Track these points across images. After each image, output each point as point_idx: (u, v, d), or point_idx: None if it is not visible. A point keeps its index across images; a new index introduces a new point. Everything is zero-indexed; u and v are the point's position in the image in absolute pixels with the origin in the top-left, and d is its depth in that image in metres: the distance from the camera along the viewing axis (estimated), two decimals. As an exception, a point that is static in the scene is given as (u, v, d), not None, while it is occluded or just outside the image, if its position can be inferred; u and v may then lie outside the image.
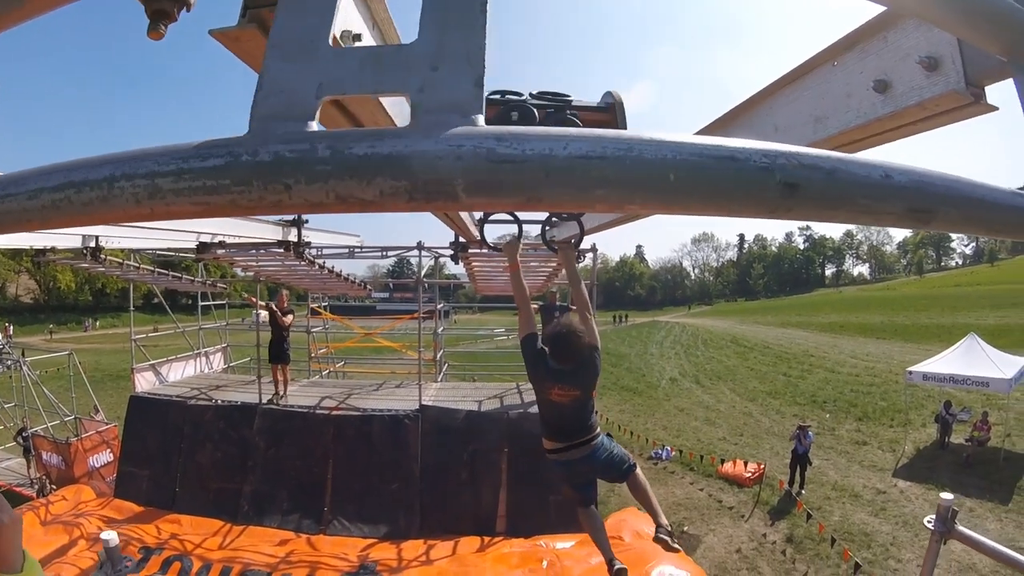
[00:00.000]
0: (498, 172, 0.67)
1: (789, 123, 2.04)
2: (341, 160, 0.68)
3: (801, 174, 0.71)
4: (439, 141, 0.68)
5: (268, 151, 0.70)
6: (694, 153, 0.69)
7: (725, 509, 15.97)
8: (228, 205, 0.72)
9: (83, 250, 10.75)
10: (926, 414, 22.80)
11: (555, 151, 0.67)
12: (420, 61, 0.81)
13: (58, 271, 77.15)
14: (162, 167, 0.72)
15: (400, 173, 0.67)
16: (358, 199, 0.69)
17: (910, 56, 1.63)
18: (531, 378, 5.05)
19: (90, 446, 15.76)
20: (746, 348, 45.45)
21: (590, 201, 0.70)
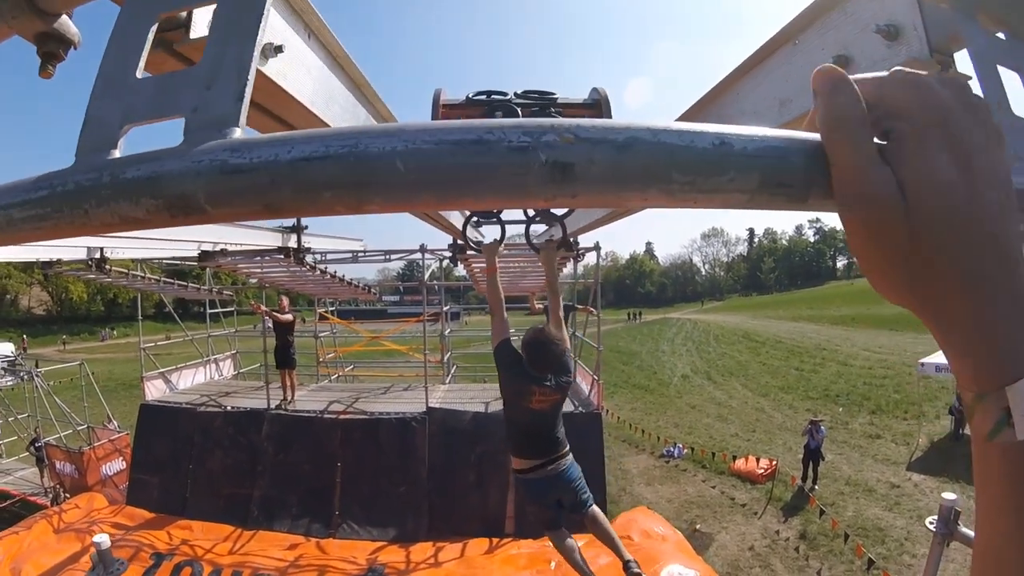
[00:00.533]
0: (231, 182, 0.66)
1: (756, 108, 1.99)
2: (117, 184, 0.69)
3: (578, 150, 0.63)
4: (185, 159, 0.68)
5: (73, 180, 0.73)
6: (431, 140, 0.64)
7: (738, 506, 15.90)
8: (53, 228, 0.75)
9: (88, 262, 10.81)
10: (940, 406, 22.63)
11: (279, 156, 0.65)
12: (199, 81, 0.82)
13: (69, 282, 78.03)
14: (12, 199, 0.76)
15: (157, 192, 0.67)
16: (134, 218, 0.70)
17: (869, 26, 1.53)
18: (507, 387, 5.03)
19: (102, 455, 15.85)
20: (758, 343, 45.29)
21: (322, 204, 0.66)
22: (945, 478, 16.76)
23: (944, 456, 18.69)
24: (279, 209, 0.67)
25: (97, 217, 0.71)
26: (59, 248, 9.99)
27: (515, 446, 5.17)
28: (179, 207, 0.68)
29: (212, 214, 0.68)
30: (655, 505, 14.54)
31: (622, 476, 17.88)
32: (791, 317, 62.91)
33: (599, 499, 10.84)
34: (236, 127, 0.76)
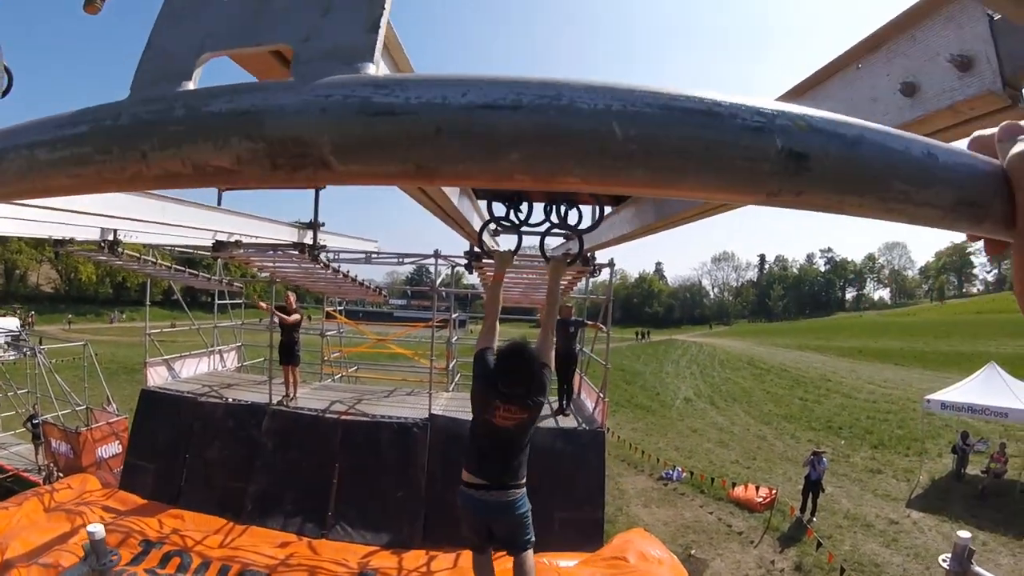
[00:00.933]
0: (374, 128, 0.53)
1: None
2: (196, 119, 0.57)
3: (813, 141, 0.54)
4: (303, 92, 0.56)
5: (129, 113, 0.60)
6: (652, 103, 0.52)
7: (734, 534, 15.76)
8: (94, 177, 0.63)
9: (101, 243, 10.77)
10: (943, 444, 22.52)
11: (449, 99, 0.52)
12: (311, 5, 0.70)
13: (80, 262, 78.44)
14: (41, 136, 0.64)
15: (257, 132, 0.54)
16: (215, 167, 0.57)
17: (940, 55, 1.51)
18: (475, 395, 4.90)
19: (99, 436, 15.81)
20: (763, 370, 45.05)
21: (502, 170, 0.54)
22: (945, 517, 16.69)
23: (945, 495, 18.59)
24: (435, 172, 0.55)
25: (159, 163, 0.59)
26: (72, 227, 9.95)
27: (468, 458, 4.99)
28: (288, 155, 0.55)
29: (337, 171, 0.56)
30: (651, 528, 14.44)
31: (619, 496, 17.77)
32: (797, 346, 62.57)
33: (597, 517, 10.82)
34: (370, 63, 0.64)
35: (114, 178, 0.62)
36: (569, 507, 10.51)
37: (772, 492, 17.50)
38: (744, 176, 0.55)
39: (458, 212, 3.96)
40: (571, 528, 10.42)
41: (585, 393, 14.10)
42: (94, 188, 0.67)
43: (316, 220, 10.85)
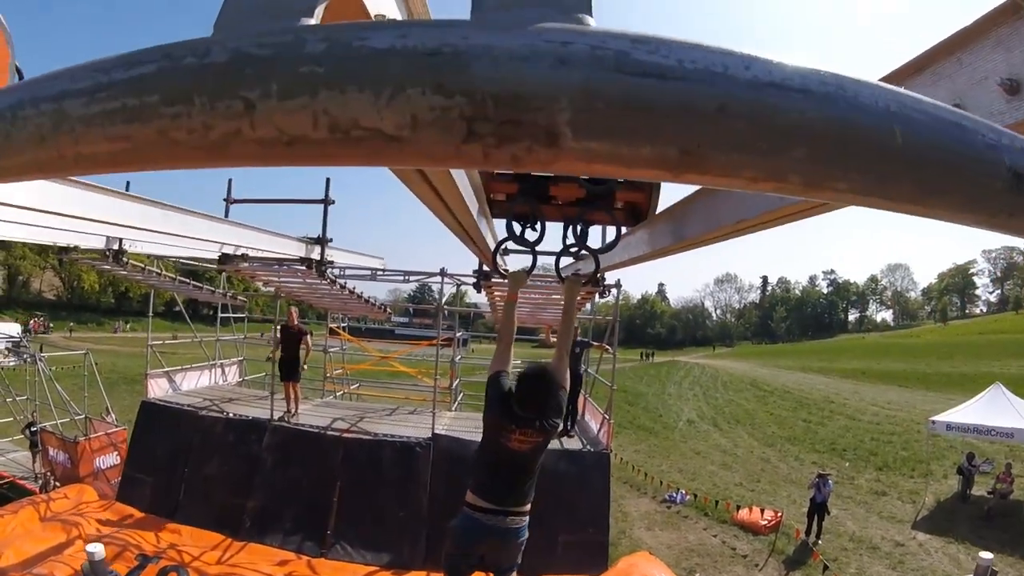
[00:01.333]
0: (639, 93, 0.41)
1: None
2: (345, 56, 0.41)
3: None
4: (525, 34, 0.42)
5: (227, 48, 0.43)
6: (919, 109, 0.44)
7: (739, 557, 15.57)
8: (156, 139, 0.45)
9: (106, 251, 10.71)
10: (948, 465, 22.32)
11: (732, 70, 0.42)
12: None
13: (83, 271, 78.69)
14: (75, 84, 0.47)
15: (453, 81, 0.40)
16: (370, 130, 0.41)
17: (989, 79, 1.45)
18: (490, 419, 4.75)
19: (97, 447, 15.73)
20: (766, 392, 44.91)
21: (780, 168, 0.45)
22: (951, 538, 16.57)
23: (950, 516, 18.46)
24: (701, 162, 0.43)
25: (274, 120, 0.43)
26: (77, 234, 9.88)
27: (477, 480, 4.80)
28: (498, 120, 0.41)
29: (566, 148, 0.42)
30: (655, 551, 14.27)
31: (623, 519, 17.59)
32: (800, 367, 62.44)
33: (602, 539, 10.70)
34: (588, 14, 0.48)
35: (191, 142, 0.45)
36: (573, 529, 10.40)
37: (777, 515, 17.32)
38: (972, 191, 0.47)
39: (475, 228, 3.85)
40: (575, 551, 10.29)
41: (590, 414, 14.00)
42: (152, 160, 0.49)
43: (324, 235, 10.80)
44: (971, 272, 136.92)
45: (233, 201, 11.68)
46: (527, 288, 10.08)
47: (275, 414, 12.66)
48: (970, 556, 14.83)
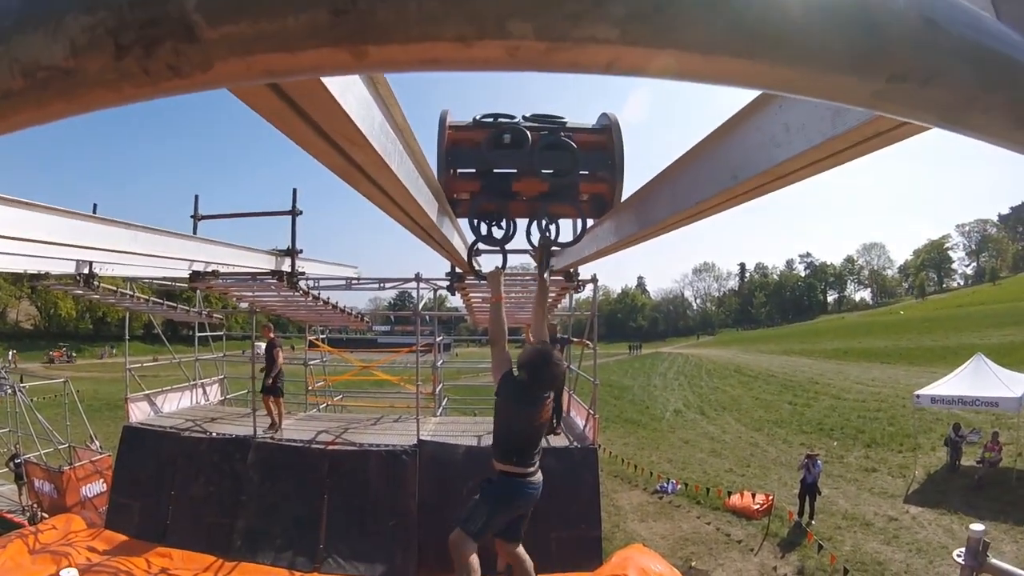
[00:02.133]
0: None
1: (802, 120, 1.79)
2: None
3: None
4: None
5: None
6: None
7: (733, 543, 15.60)
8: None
9: (77, 276, 10.58)
10: (935, 438, 22.48)
11: None
12: None
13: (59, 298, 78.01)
14: None
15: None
16: (50, 69, 0.39)
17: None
18: (509, 412, 5.15)
19: (83, 475, 15.66)
20: (750, 377, 45.11)
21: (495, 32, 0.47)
22: (943, 510, 16.67)
23: (941, 488, 18.59)
24: (369, 31, 0.41)
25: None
26: (47, 260, 9.75)
27: (504, 453, 5.18)
28: (137, 26, 0.38)
29: (207, 41, 0.40)
30: (649, 542, 14.29)
31: (615, 512, 17.58)
32: (783, 351, 62.77)
33: (595, 535, 10.65)
34: None
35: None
36: (565, 527, 10.35)
37: (769, 498, 17.37)
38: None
39: (438, 231, 3.82)
40: (569, 548, 10.25)
41: (575, 410, 13.97)
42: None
43: (294, 247, 10.71)
44: (946, 247, 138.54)
45: (201, 217, 11.56)
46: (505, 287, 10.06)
47: (259, 431, 12.55)
48: (964, 526, 14.90)
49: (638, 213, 3.72)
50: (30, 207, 5.51)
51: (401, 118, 2.24)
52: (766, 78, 0.62)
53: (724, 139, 2.37)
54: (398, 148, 2.31)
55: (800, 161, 1.89)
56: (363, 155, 1.94)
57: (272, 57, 0.42)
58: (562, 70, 0.61)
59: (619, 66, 0.60)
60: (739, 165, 2.22)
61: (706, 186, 2.57)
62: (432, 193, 3.33)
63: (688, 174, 2.82)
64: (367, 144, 1.83)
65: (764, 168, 2.04)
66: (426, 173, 3.00)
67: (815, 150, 1.76)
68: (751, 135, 2.13)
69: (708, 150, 2.54)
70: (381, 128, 2.01)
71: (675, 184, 3.01)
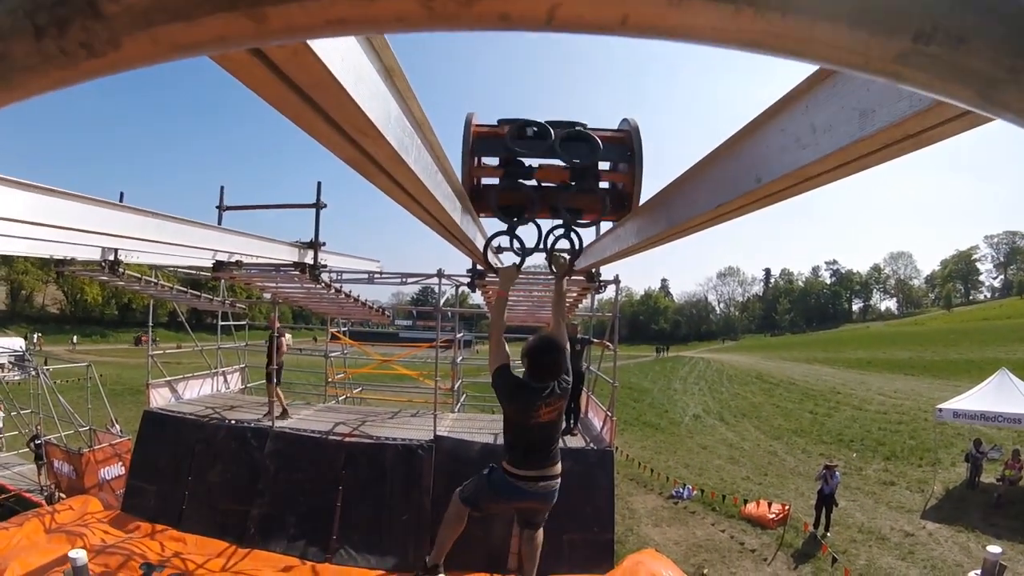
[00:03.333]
0: None
1: (829, 121, 1.75)
2: None
3: None
4: None
5: None
6: None
7: (747, 551, 15.49)
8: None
9: (102, 262, 10.67)
10: (955, 453, 22.24)
11: None
12: None
13: (85, 283, 78.80)
14: None
15: None
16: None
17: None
18: (512, 408, 5.08)
19: (102, 458, 15.88)
20: (771, 384, 44.79)
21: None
22: (961, 527, 16.46)
23: (959, 505, 18.34)
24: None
25: None
26: (73, 246, 9.85)
27: (513, 455, 5.18)
28: (45, 7, 0.39)
29: (109, 15, 0.40)
30: (662, 547, 14.22)
31: (629, 516, 17.52)
32: (805, 359, 62.32)
33: (607, 538, 10.62)
34: None
35: None
36: (578, 528, 10.32)
37: (785, 508, 17.24)
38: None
39: (458, 228, 3.83)
40: (581, 550, 10.22)
41: (592, 412, 13.93)
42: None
43: (317, 239, 10.74)
44: (974, 258, 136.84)
45: (226, 208, 11.66)
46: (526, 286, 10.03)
47: (276, 421, 12.66)
48: (980, 545, 14.72)
49: (659, 214, 3.70)
50: (57, 194, 5.56)
51: (419, 112, 2.23)
52: (763, 33, 0.55)
53: (747, 140, 2.33)
54: (416, 142, 2.30)
55: (826, 164, 1.85)
56: (377, 148, 1.93)
57: (174, 29, 0.42)
58: (495, 26, 0.55)
59: (562, 17, 0.54)
60: (763, 167, 2.18)
61: (728, 188, 2.53)
62: (452, 189, 3.33)
63: (710, 176, 2.79)
64: (380, 137, 1.82)
65: (788, 170, 1.99)
66: (445, 168, 3.00)
67: (842, 152, 1.73)
68: (775, 136, 2.09)
69: (731, 152, 2.50)
70: (398, 121, 1.99)
71: (697, 186, 2.98)
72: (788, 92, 1.96)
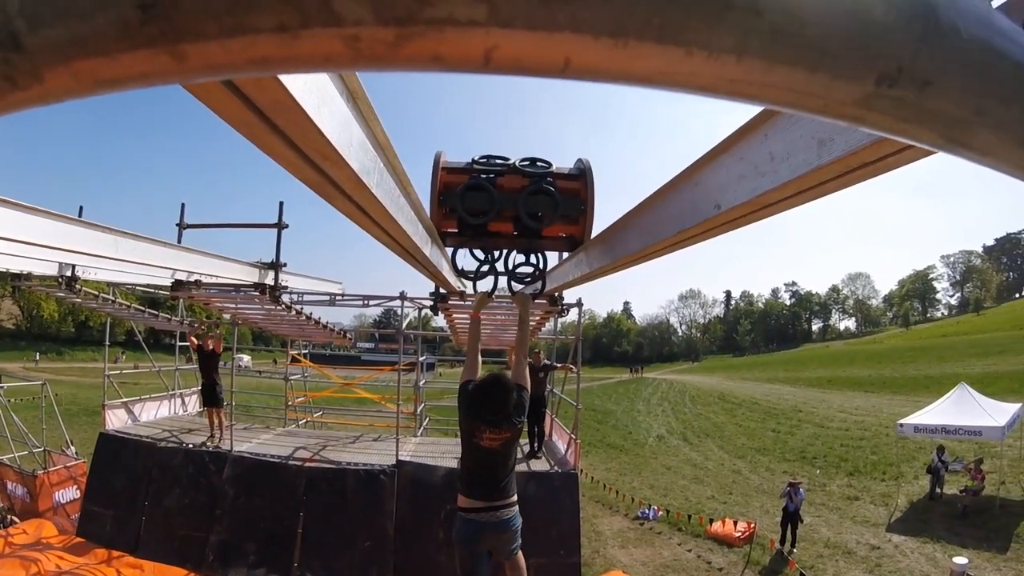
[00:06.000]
0: None
1: (787, 149, 1.73)
2: None
3: None
4: None
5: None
6: None
7: (715, 570, 15.45)
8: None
9: (59, 278, 10.45)
10: (918, 467, 22.52)
11: None
12: None
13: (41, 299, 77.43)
14: None
15: None
16: None
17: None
18: (464, 423, 5.20)
19: (57, 481, 15.54)
20: (734, 404, 45.19)
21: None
22: (926, 538, 16.62)
23: (923, 516, 18.57)
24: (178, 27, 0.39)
25: None
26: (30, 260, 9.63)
27: (463, 484, 5.30)
28: None
29: (34, 50, 0.37)
30: (630, 568, 14.16)
31: (596, 538, 17.42)
32: (767, 379, 63.02)
33: (574, 561, 10.52)
34: None
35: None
36: (545, 552, 10.23)
37: (751, 526, 17.29)
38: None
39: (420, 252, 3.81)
40: (548, 574, 10.11)
41: (557, 435, 13.88)
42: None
43: (278, 260, 10.59)
44: (931, 277, 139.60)
45: (186, 226, 11.46)
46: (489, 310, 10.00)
47: (235, 445, 12.41)
48: (947, 555, 14.86)
49: (621, 240, 3.72)
50: (13, 206, 5.44)
51: (383, 135, 2.17)
52: (716, 78, 0.51)
53: (706, 168, 2.33)
54: (379, 166, 2.24)
55: (785, 191, 1.85)
56: (338, 172, 1.88)
57: (94, 64, 0.39)
58: (427, 67, 0.51)
59: (500, 59, 0.50)
60: (721, 195, 2.18)
61: (688, 215, 2.54)
62: (416, 214, 3.29)
63: (670, 203, 2.81)
64: (342, 160, 1.76)
65: (747, 198, 1.99)
66: (409, 192, 2.95)
67: (800, 180, 1.72)
68: (734, 165, 2.09)
69: (691, 179, 2.51)
70: (360, 145, 1.94)
71: (657, 213, 3.00)
72: (747, 122, 1.96)
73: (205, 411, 13.57)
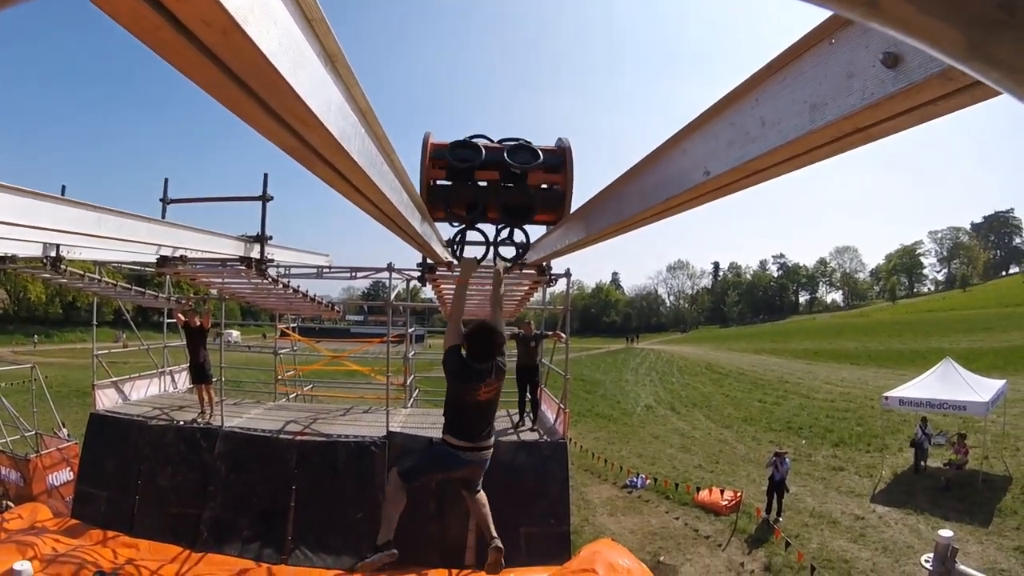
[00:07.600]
0: None
1: (778, 115, 1.74)
2: None
3: None
4: None
5: None
6: None
7: (702, 538, 15.63)
8: None
9: (43, 259, 10.36)
10: (902, 439, 22.68)
11: None
12: None
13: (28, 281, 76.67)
14: None
15: None
16: None
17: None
18: (455, 385, 5.48)
19: (49, 463, 15.46)
20: (721, 375, 45.40)
21: None
22: (909, 510, 16.78)
23: (907, 489, 18.73)
24: None
25: None
26: (13, 242, 9.55)
27: (451, 427, 5.55)
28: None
29: None
30: (618, 536, 14.27)
31: (585, 506, 17.57)
32: (754, 350, 63.26)
33: (564, 529, 10.63)
34: None
35: None
36: (534, 521, 10.34)
37: (737, 495, 17.45)
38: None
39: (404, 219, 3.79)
40: (538, 542, 10.23)
41: (546, 404, 13.94)
42: None
43: (263, 233, 10.52)
44: (918, 252, 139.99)
45: (170, 201, 11.35)
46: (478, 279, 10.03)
47: (225, 420, 12.41)
48: (929, 527, 15.06)
49: (609, 208, 3.72)
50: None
51: (363, 100, 2.17)
52: None
53: (696, 134, 2.33)
54: (360, 131, 2.24)
55: (775, 157, 1.86)
56: (317, 137, 1.88)
57: None
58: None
59: None
60: (711, 160, 2.18)
61: (677, 182, 2.55)
62: (399, 181, 3.28)
63: (659, 169, 2.80)
64: (320, 125, 1.77)
65: (737, 164, 2.00)
66: (392, 158, 2.94)
67: (791, 145, 1.73)
68: (725, 130, 2.09)
69: (679, 145, 2.50)
70: (339, 109, 1.94)
71: (645, 179, 3.00)
72: (737, 86, 1.96)
73: (195, 388, 13.52)
